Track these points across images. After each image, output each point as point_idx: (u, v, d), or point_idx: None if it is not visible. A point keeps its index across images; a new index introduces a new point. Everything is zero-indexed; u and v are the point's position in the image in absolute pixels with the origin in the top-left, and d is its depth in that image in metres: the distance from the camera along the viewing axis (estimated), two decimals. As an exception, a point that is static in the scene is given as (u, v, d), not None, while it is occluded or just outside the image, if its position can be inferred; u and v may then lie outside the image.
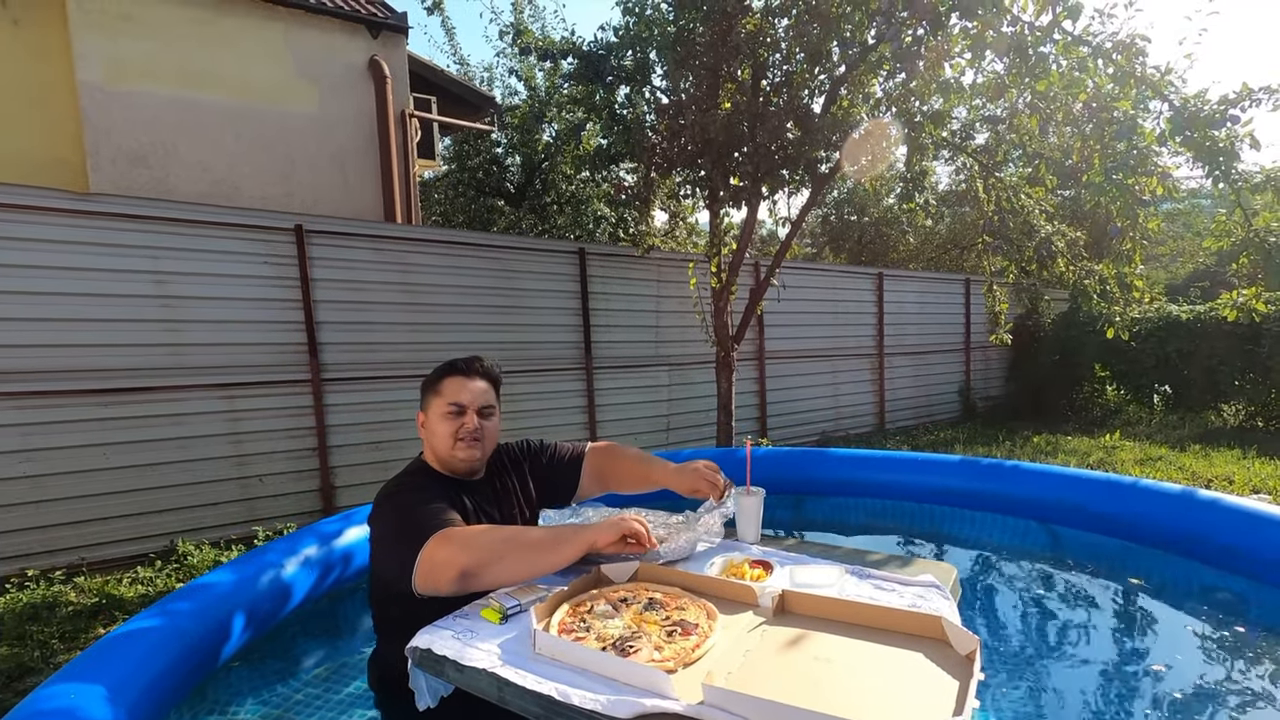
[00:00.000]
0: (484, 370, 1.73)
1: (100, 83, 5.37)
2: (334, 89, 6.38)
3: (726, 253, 5.64)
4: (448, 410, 1.65)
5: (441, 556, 1.38)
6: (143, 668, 1.93)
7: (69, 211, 3.83)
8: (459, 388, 1.67)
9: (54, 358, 3.80)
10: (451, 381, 1.68)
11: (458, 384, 1.67)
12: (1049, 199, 5.79)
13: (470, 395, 1.67)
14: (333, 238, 4.69)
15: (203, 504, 4.24)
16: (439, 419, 1.65)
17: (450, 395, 1.66)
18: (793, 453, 4.99)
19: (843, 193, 13.47)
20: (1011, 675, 2.47)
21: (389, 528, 1.53)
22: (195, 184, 5.74)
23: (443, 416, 1.65)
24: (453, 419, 1.64)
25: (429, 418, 1.68)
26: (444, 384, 1.68)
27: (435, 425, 1.66)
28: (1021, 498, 4.12)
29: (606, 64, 5.48)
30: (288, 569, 2.74)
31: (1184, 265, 16.15)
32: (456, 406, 1.65)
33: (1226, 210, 4.29)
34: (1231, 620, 2.85)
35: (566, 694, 1.08)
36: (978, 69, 4.24)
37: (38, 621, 3.09)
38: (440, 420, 1.65)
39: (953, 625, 1.18)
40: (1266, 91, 3.34)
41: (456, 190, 10.35)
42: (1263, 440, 6.83)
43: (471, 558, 1.38)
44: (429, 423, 1.68)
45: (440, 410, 1.65)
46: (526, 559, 1.43)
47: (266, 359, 4.45)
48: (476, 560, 1.38)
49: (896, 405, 8.79)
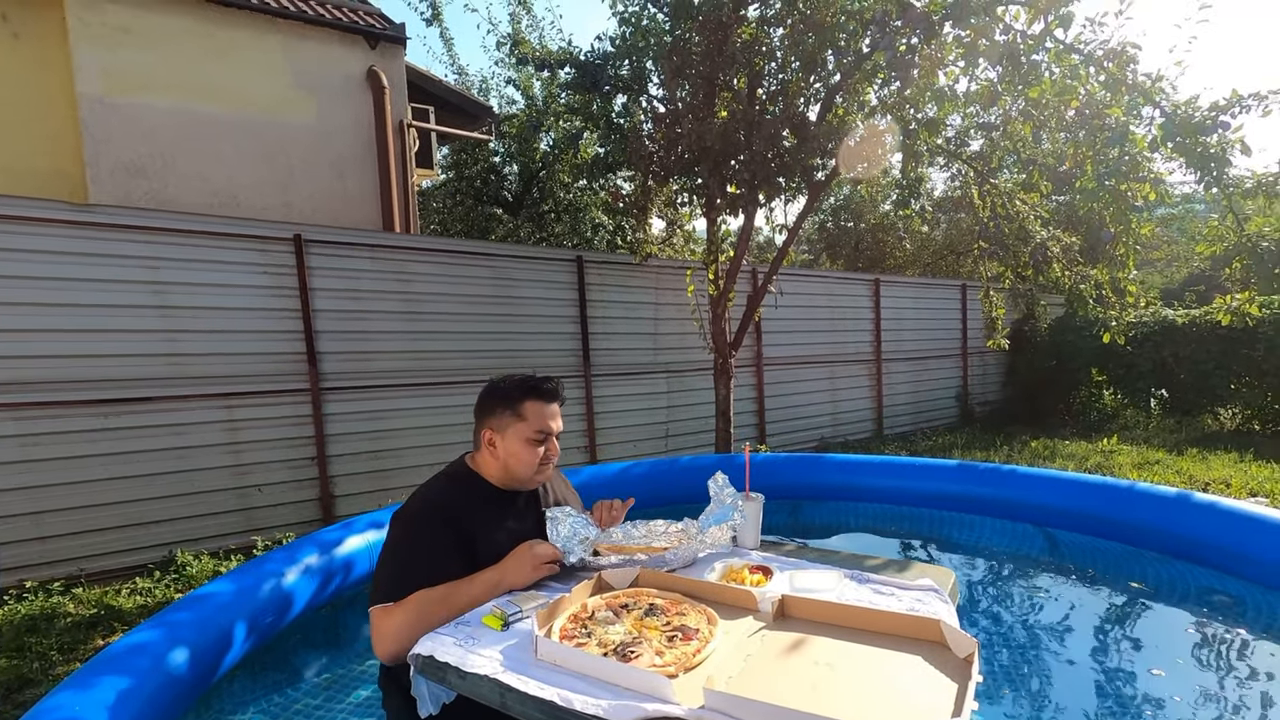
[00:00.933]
0: (560, 394, 1.75)
1: (99, 94, 5.39)
2: (332, 99, 6.41)
3: (724, 260, 5.67)
4: (534, 437, 1.65)
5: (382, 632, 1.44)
6: (145, 680, 1.93)
7: (68, 222, 3.83)
8: (547, 414, 1.68)
9: (53, 368, 3.80)
10: (535, 406, 1.67)
11: (544, 410, 1.68)
12: (1043, 205, 5.83)
13: (555, 422, 1.70)
14: (331, 247, 4.71)
15: (202, 514, 4.23)
16: (521, 443, 1.65)
17: (537, 422, 1.66)
18: (791, 458, 5.00)
19: (839, 199, 13.53)
20: (1010, 678, 2.47)
21: (384, 552, 1.57)
22: (194, 195, 5.76)
23: (527, 442, 1.65)
24: (537, 445, 1.66)
25: (506, 438, 1.66)
26: (527, 408, 1.66)
27: (516, 448, 1.65)
28: (1020, 502, 4.13)
29: (603, 73, 5.52)
30: (288, 578, 2.74)
31: (1179, 270, 16.23)
32: (543, 434, 1.66)
33: (1219, 215, 4.33)
34: (1229, 623, 2.86)
35: (569, 699, 1.09)
36: (971, 76, 4.28)
37: (36, 633, 3.08)
38: (523, 445, 1.65)
39: (951, 628, 1.19)
40: (1256, 98, 3.38)
41: (454, 199, 10.39)
42: (1259, 443, 6.85)
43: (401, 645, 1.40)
44: (506, 443, 1.66)
45: (524, 435, 1.65)
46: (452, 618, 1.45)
47: (265, 368, 4.46)
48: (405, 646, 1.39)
49: (894, 411, 8.80)
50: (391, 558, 1.54)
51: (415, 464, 4.98)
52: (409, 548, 1.53)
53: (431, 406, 5.08)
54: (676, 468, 4.72)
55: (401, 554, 1.53)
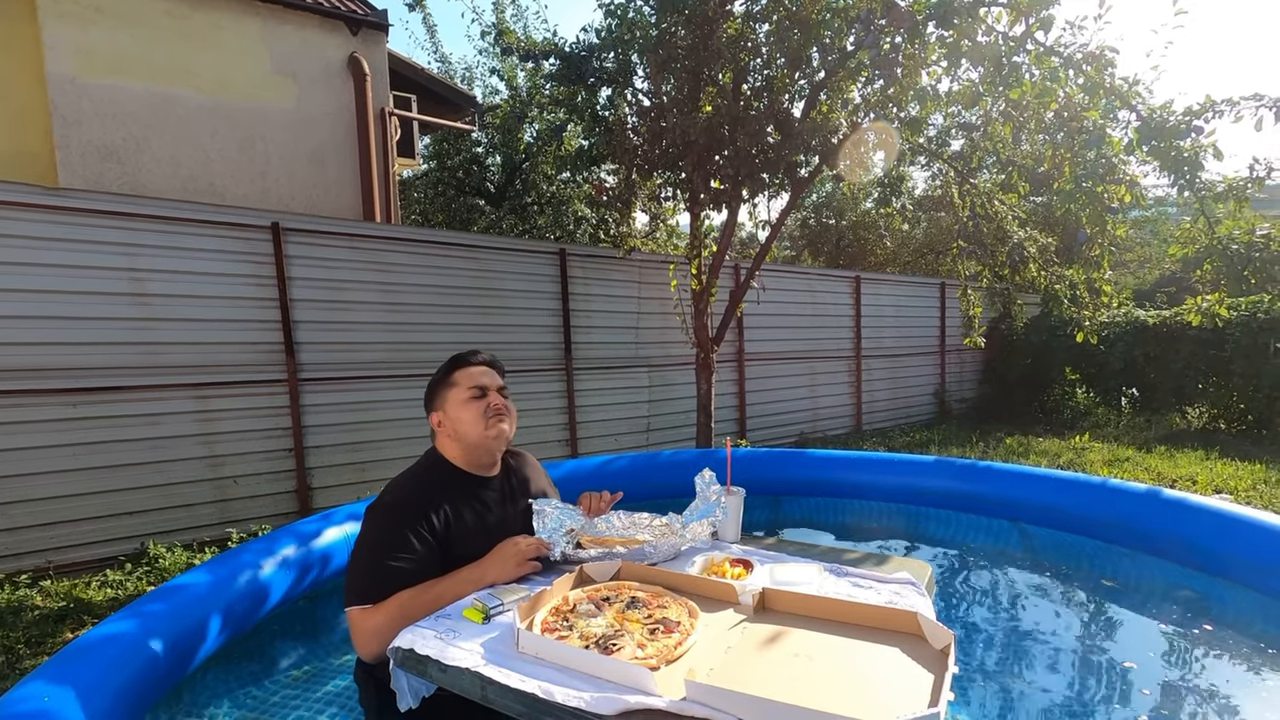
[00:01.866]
0: (489, 359, 1.77)
1: (70, 75, 5.25)
2: (312, 86, 6.31)
3: (707, 255, 5.68)
4: (470, 395, 1.67)
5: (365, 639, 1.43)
6: (116, 669, 1.90)
7: (39, 206, 3.74)
8: (475, 374, 1.71)
9: (22, 356, 3.71)
10: (463, 372, 1.71)
11: (472, 371, 1.71)
12: (1021, 205, 5.92)
13: (488, 378, 1.72)
14: (310, 236, 4.64)
15: (175, 505, 4.16)
16: (462, 406, 1.66)
17: (468, 381, 1.69)
18: (771, 453, 5.04)
19: (821, 196, 13.61)
20: (985, 669, 2.52)
21: (357, 546, 1.56)
22: (168, 180, 5.64)
23: (465, 403, 1.66)
24: (478, 401, 1.67)
25: (448, 410, 1.68)
26: (456, 375, 1.71)
27: (460, 413, 1.66)
28: (994, 498, 4.20)
29: (588, 65, 5.49)
30: (265, 570, 2.71)
31: (1151, 271, 16.54)
32: (479, 389, 1.68)
33: (1191, 218, 4.42)
34: (1196, 617, 2.94)
35: (550, 692, 1.09)
36: (953, 77, 4.32)
37: (2, 627, 3.01)
38: (464, 406, 1.66)
39: (928, 620, 1.21)
40: (1229, 104, 3.45)
41: (436, 189, 10.28)
42: (1225, 442, 7.03)
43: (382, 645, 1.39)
44: (450, 413, 1.67)
45: (461, 398, 1.67)
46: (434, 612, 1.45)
47: (242, 358, 4.39)
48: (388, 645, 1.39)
49: (873, 407, 8.90)
50: (367, 554, 1.52)
51: (394, 456, 4.94)
52: (385, 544, 1.51)
53: (411, 399, 5.03)
54: (657, 462, 4.73)
55: (378, 551, 1.50)
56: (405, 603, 1.43)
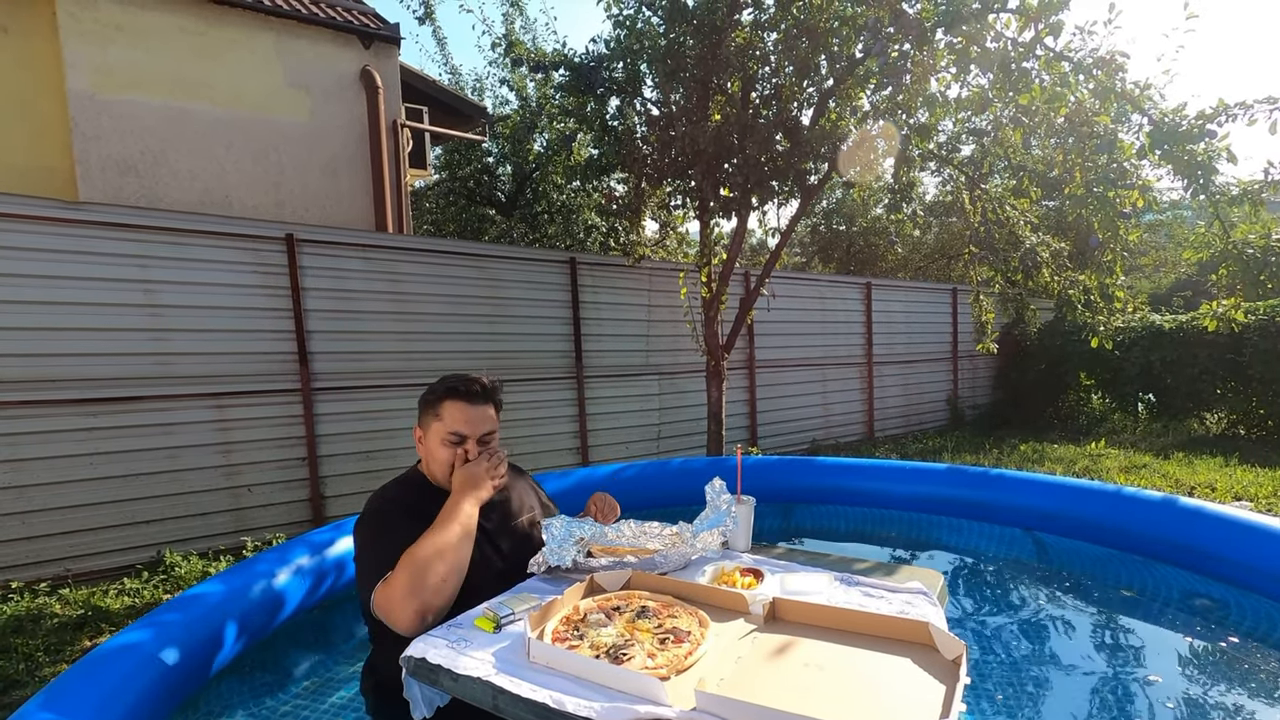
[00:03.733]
0: (485, 392, 1.67)
1: (90, 91, 5.35)
2: (325, 98, 6.39)
3: (716, 262, 5.68)
4: (447, 438, 1.62)
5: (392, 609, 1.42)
6: (134, 679, 1.92)
7: (58, 220, 3.81)
8: (460, 415, 1.63)
9: (41, 367, 3.77)
10: (451, 407, 1.63)
11: (458, 411, 1.63)
12: (1033, 210, 5.88)
13: (470, 425, 1.63)
14: (323, 247, 4.69)
15: (191, 514, 4.20)
16: (437, 444, 1.63)
17: (450, 424, 1.62)
18: (783, 461, 5.02)
19: (831, 203, 13.59)
20: (997, 680, 2.49)
21: (358, 556, 1.57)
22: (185, 193, 5.73)
23: (441, 443, 1.62)
24: (451, 447, 1.62)
25: (427, 438, 1.66)
26: (444, 408, 1.64)
27: (434, 449, 1.64)
28: (1008, 506, 4.16)
29: (598, 76, 5.52)
30: (278, 580, 2.73)
31: (1167, 275, 16.38)
32: (456, 436, 1.62)
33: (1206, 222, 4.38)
34: (1215, 627, 2.89)
35: (561, 701, 1.09)
36: (963, 83, 4.31)
37: (22, 634, 3.06)
38: (439, 446, 1.63)
39: (939, 631, 1.21)
40: (1242, 107, 3.42)
41: (448, 199, 10.37)
42: (1244, 448, 6.93)
43: (423, 602, 1.40)
44: (427, 442, 1.66)
45: (439, 436, 1.62)
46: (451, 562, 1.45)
47: (256, 368, 4.44)
48: (427, 599, 1.41)
49: (885, 413, 8.85)
50: (369, 554, 1.53)
51: (406, 464, 4.92)
52: (382, 540, 1.52)
53: (423, 407, 5.06)
54: (668, 470, 4.73)
55: (378, 547, 1.51)
56: (413, 557, 1.43)
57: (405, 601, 1.40)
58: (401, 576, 1.42)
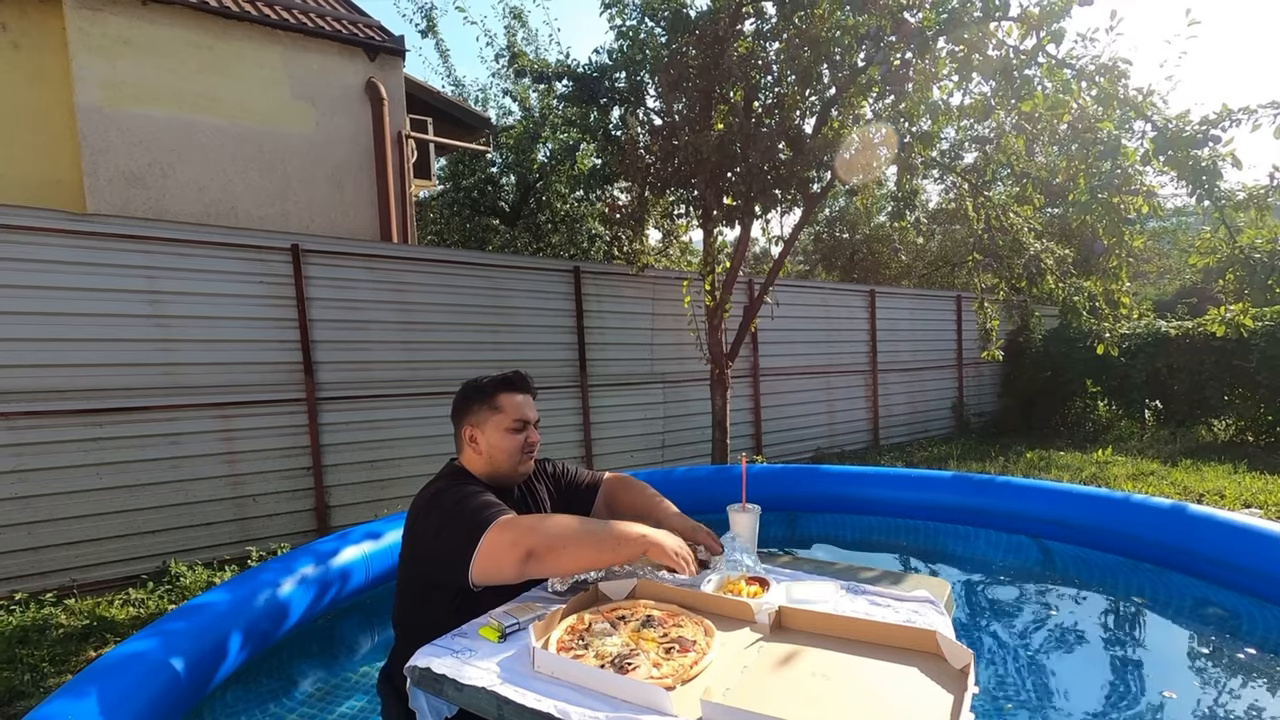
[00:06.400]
0: (528, 383, 1.81)
1: (98, 105, 5.40)
2: (331, 110, 6.44)
3: (720, 271, 5.69)
4: (512, 426, 1.71)
5: (507, 539, 1.44)
6: (139, 689, 1.92)
7: (66, 232, 3.84)
8: (520, 404, 1.74)
9: (48, 377, 3.79)
10: (509, 398, 1.73)
11: (517, 400, 1.74)
12: (1037, 217, 5.88)
13: (533, 411, 1.76)
14: (329, 257, 4.72)
15: (196, 524, 4.21)
16: (501, 434, 1.70)
17: (513, 412, 1.72)
18: (788, 469, 5.00)
19: (834, 211, 13.61)
20: (1006, 689, 2.47)
21: (441, 521, 1.54)
22: (192, 204, 5.77)
23: (506, 432, 1.70)
24: (517, 434, 1.71)
25: (486, 433, 1.71)
26: (501, 400, 1.73)
27: (497, 440, 1.70)
28: (1015, 513, 4.14)
29: (600, 86, 5.56)
30: (285, 589, 2.73)
31: (1172, 282, 16.32)
32: (520, 423, 1.72)
33: (1211, 228, 4.37)
34: (1225, 636, 2.87)
35: (566, 711, 1.09)
36: (965, 90, 4.33)
37: (27, 644, 3.06)
38: (503, 436, 1.70)
39: (947, 640, 1.20)
40: (1246, 112, 3.42)
41: (452, 210, 10.41)
42: (1253, 454, 6.88)
43: (537, 541, 1.44)
44: (487, 437, 1.71)
45: (503, 426, 1.70)
46: (588, 551, 1.48)
47: (262, 378, 4.45)
48: (542, 544, 1.44)
49: (890, 421, 8.82)
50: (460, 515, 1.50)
51: (411, 474, 4.97)
52: (470, 500, 1.53)
53: (428, 417, 5.07)
54: (673, 478, 4.72)
55: (469, 506, 1.51)
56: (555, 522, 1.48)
57: (525, 540, 1.43)
58: (532, 519, 1.48)
